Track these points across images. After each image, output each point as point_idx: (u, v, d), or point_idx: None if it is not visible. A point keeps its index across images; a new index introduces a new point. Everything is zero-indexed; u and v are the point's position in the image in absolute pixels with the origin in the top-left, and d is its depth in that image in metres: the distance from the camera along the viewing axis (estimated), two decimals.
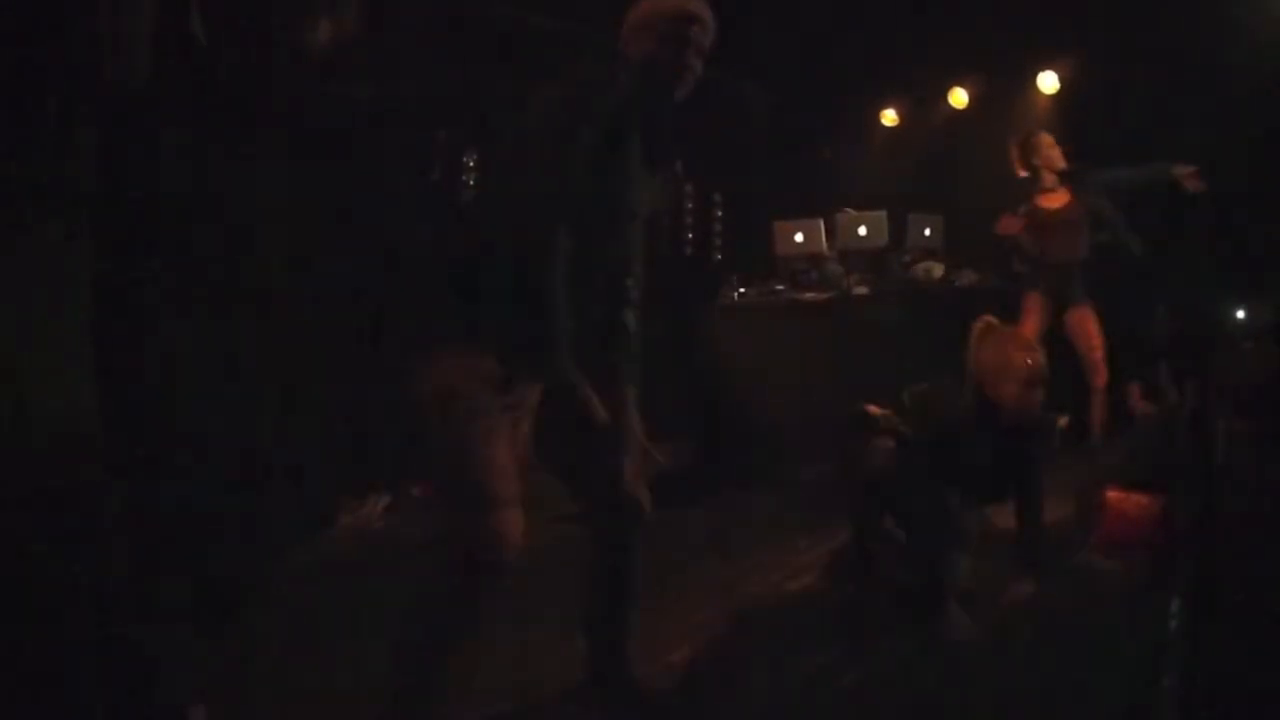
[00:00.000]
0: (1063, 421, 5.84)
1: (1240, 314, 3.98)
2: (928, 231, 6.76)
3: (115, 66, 2.02)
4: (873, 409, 3.27)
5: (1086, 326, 5.33)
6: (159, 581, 2.47)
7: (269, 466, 3.78)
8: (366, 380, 4.30)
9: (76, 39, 1.96)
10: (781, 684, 2.61)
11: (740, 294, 6.45)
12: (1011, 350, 3.21)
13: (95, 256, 2.05)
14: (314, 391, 4.25)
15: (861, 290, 6.17)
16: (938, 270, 6.43)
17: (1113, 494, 3.81)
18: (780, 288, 6.46)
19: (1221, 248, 5.48)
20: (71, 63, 1.94)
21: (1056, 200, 5.35)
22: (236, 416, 3.54)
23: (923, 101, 7.91)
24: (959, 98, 7.64)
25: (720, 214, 7.75)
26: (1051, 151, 5.36)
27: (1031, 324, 5.32)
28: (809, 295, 6.22)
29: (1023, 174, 5.47)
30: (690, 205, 7.89)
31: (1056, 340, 6.34)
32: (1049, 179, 5.36)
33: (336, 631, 3.01)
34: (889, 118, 8.13)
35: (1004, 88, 7.45)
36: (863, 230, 6.52)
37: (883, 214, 6.71)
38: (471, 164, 5.20)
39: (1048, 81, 7.19)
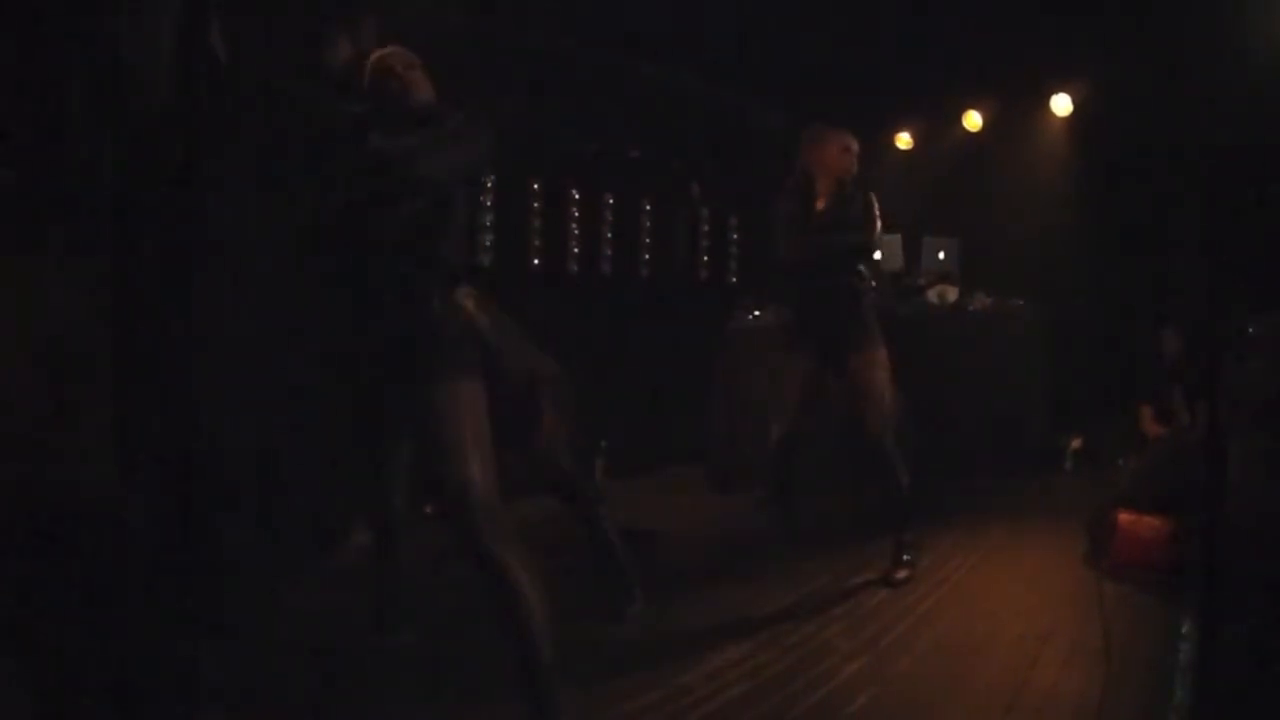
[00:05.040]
0: (1076, 443, 5.84)
1: (1251, 330, 3.96)
2: (942, 255, 6.78)
3: (138, 82, 2.07)
4: None
5: None
6: (171, 591, 2.49)
7: (283, 482, 3.80)
8: (380, 398, 4.31)
9: (101, 54, 2.01)
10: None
11: (754, 317, 6.45)
12: None
13: (115, 270, 2.09)
14: (328, 409, 4.27)
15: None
16: (952, 294, 6.43)
17: (1125, 516, 3.80)
18: None
19: (1229, 263, 5.46)
20: (96, 78, 1.99)
21: None
22: (253, 431, 3.57)
23: (937, 124, 7.95)
24: (973, 120, 7.68)
25: (736, 237, 7.77)
26: None
27: None
28: None
29: None
30: (706, 229, 7.91)
31: (1073, 361, 6.36)
32: None
33: (343, 643, 3.03)
34: (903, 141, 8.17)
35: (1018, 110, 7.48)
36: (877, 255, 6.52)
37: (897, 237, 6.73)
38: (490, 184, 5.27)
39: (1061, 104, 7.22)
